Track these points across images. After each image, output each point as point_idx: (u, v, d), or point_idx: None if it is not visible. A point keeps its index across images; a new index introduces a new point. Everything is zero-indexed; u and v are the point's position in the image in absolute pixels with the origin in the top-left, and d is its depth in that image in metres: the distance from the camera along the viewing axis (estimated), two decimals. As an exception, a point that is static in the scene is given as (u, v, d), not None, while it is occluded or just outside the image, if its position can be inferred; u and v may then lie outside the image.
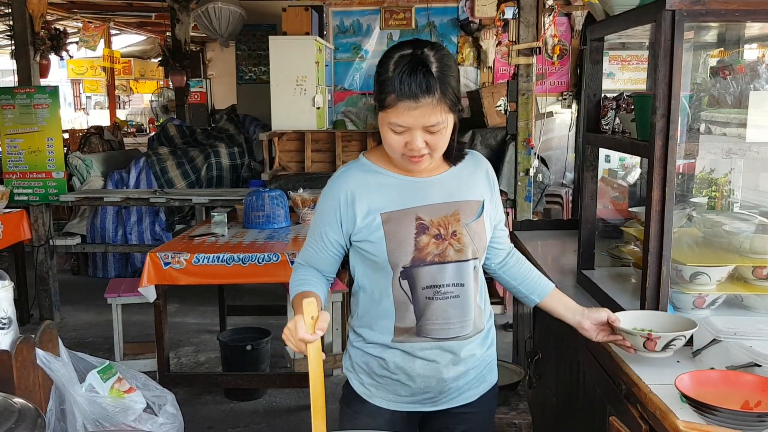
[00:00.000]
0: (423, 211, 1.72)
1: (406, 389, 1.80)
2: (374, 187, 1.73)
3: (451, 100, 1.60)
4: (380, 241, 1.70)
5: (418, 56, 1.58)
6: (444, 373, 1.77)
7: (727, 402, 1.59)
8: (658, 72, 2.03)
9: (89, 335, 5.17)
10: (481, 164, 1.85)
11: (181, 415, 2.12)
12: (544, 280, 2.00)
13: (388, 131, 1.62)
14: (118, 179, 6.61)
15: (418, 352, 1.75)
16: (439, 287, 1.71)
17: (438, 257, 1.70)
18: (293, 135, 6.48)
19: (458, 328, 1.75)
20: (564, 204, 7.15)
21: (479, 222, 1.76)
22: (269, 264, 3.66)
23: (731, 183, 3.03)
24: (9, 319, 1.81)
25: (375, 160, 1.78)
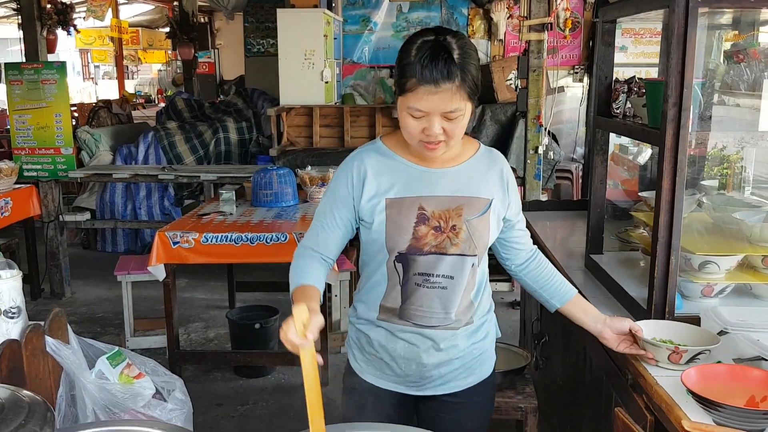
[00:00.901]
0: (427, 201, 1.73)
1: (389, 369, 1.84)
2: (385, 171, 1.75)
3: (470, 87, 1.61)
4: (381, 225, 1.73)
5: (440, 42, 1.60)
6: (423, 358, 1.79)
7: (732, 397, 1.59)
8: (670, 59, 1.99)
9: (99, 310, 5.22)
10: (496, 163, 1.83)
11: (189, 401, 2.14)
12: (567, 285, 1.98)
13: (406, 116, 1.63)
14: (126, 154, 6.61)
15: (399, 333, 1.79)
16: (429, 276, 1.74)
17: (435, 248, 1.72)
18: (301, 110, 6.45)
19: (439, 318, 1.77)
20: (574, 180, 7.10)
21: (482, 220, 1.74)
22: (277, 244, 3.66)
23: (743, 159, 2.98)
24: (18, 308, 1.83)
25: (390, 146, 1.80)
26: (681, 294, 2.25)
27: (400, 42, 8.55)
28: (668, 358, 1.85)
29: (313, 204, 4.45)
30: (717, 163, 3.06)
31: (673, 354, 1.84)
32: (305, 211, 4.24)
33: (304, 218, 4.04)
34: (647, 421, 1.87)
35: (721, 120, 2.19)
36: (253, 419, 3.61)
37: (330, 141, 6.50)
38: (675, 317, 2.12)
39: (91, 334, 4.68)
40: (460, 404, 1.85)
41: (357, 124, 6.46)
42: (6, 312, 1.79)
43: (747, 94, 2.12)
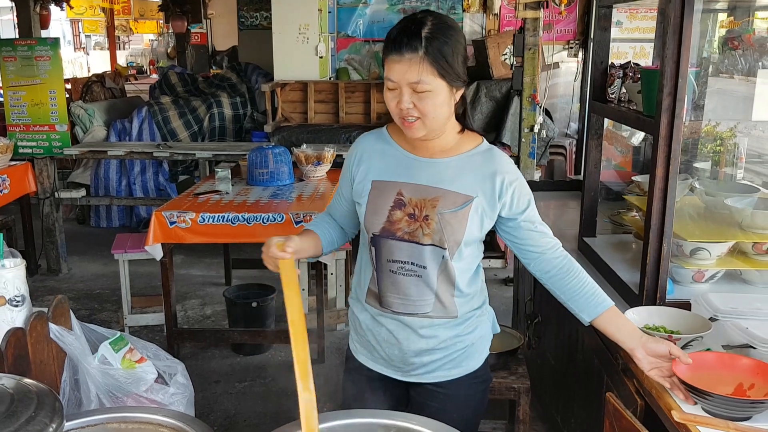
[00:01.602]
0: (406, 188, 1.77)
1: (375, 352, 1.90)
2: (378, 155, 1.84)
3: (439, 64, 1.63)
4: (363, 205, 1.82)
5: (415, 18, 1.68)
6: (404, 345, 1.84)
7: (721, 385, 1.64)
8: (666, 49, 2.01)
9: (96, 287, 5.25)
10: (492, 163, 1.77)
11: (191, 385, 2.18)
12: (600, 297, 1.81)
13: (386, 90, 1.71)
14: (120, 129, 6.58)
15: (380, 319, 1.86)
16: (404, 263, 1.78)
17: (408, 235, 1.76)
18: (296, 85, 6.42)
19: (416, 306, 1.80)
20: (567, 156, 7.10)
21: (457, 215, 1.74)
22: (274, 224, 3.69)
23: (736, 137, 3.01)
24: (22, 296, 1.85)
25: (392, 133, 1.87)
26: (672, 279, 2.30)
27: (395, 15, 8.47)
28: None
29: (309, 183, 4.47)
30: (710, 140, 3.09)
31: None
32: (301, 190, 4.26)
33: (299, 198, 4.06)
34: (637, 405, 1.93)
35: (714, 108, 2.22)
36: (251, 396, 3.67)
37: (325, 117, 6.48)
38: (666, 303, 2.17)
39: (88, 311, 4.74)
40: (446, 395, 1.87)
41: (352, 100, 6.44)
42: (11, 300, 1.82)
43: (741, 81, 2.14)
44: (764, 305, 2.00)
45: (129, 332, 4.36)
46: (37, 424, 1.31)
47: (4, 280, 1.81)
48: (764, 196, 2.51)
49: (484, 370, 1.96)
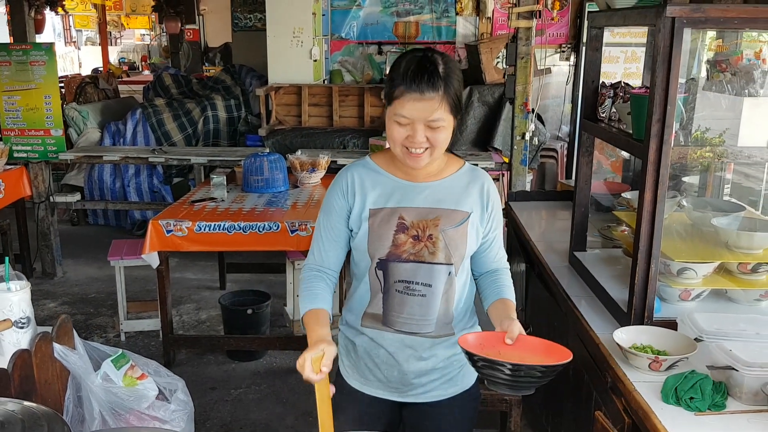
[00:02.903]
0: (407, 212, 1.84)
1: (372, 374, 1.96)
2: (370, 184, 1.88)
3: (453, 100, 1.73)
4: (364, 233, 1.85)
5: (427, 57, 1.73)
6: (404, 366, 1.90)
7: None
8: (655, 76, 2.07)
9: (92, 291, 5.28)
10: (478, 180, 1.91)
11: (191, 402, 2.24)
12: (501, 293, 1.91)
13: (393, 124, 1.75)
14: (114, 131, 6.60)
15: (381, 340, 1.91)
16: (409, 283, 1.84)
17: (413, 256, 1.83)
18: (290, 89, 6.45)
19: (419, 326, 1.87)
20: (558, 159, 7.17)
21: (458, 231, 1.83)
22: (270, 233, 3.74)
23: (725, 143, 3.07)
24: (28, 318, 1.90)
25: (378, 162, 1.92)
26: (660, 297, 2.37)
27: (389, 18, 8.48)
28: (649, 366, 1.96)
29: (304, 189, 4.52)
30: (699, 145, 3.15)
31: (653, 363, 1.95)
32: (296, 197, 4.31)
33: (295, 206, 4.10)
34: (625, 424, 1.99)
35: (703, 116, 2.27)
36: (247, 403, 3.72)
37: (319, 120, 6.52)
38: (654, 321, 2.24)
39: (84, 316, 4.78)
40: (443, 413, 1.94)
41: (346, 103, 6.48)
42: (17, 323, 1.86)
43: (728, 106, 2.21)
44: (748, 326, 2.08)
45: (125, 338, 4.41)
46: (49, 452, 1.36)
47: (10, 303, 1.85)
48: (749, 215, 2.58)
49: (476, 387, 2.04)
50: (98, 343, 2.15)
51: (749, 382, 1.78)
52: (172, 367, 3.93)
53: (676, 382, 1.84)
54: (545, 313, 3.03)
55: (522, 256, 3.50)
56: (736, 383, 1.81)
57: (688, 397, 1.79)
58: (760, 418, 1.74)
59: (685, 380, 1.83)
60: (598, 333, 2.28)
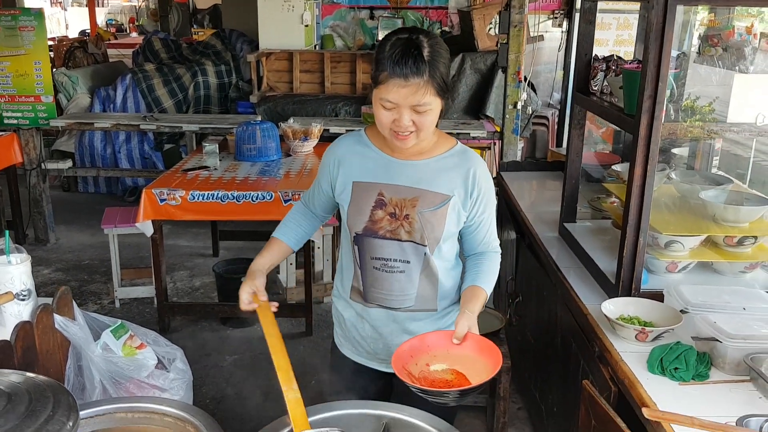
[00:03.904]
0: (387, 188, 1.86)
1: (360, 346, 2.03)
2: (358, 158, 1.91)
3: (438, 84, 1.72)
4: (345, 205, 1.90)
5: (412, 40, 1.71)
6: (389, 339, 1.96)
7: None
8: (648, 53, 2.09)
9: (85, 257, 5.31)
10: (467, 163, 1.89)
11: (190, 370, 2.29)
12: (477, 279, 1.92)
13: (379, 107, 1.76)
14: (104, 96, 6.56)
15: (366, 315, 1.97)
16: (386, 260, 1.89)
17: (390, 233, 1.86)
18: (282, 55, 6.41)
19: (399, 301, 1.92)
20: (550, 126, 7.18)
21: (436, 213, 1.84)
22: (263, 202, 3.76)
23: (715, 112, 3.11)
24: (29, 290, 1.93)
25: (370, 136, 1.94)
26: (647, 269, 2.42)
27: (381, -19, 8.27)
28: (635, 337, 2.02)
29: (296, 158, 4.53)
30: (689, 115, 3.19)
31: (640, 334, 2.01)
32: (289, 166, 4.32)
33: (287, 175, 4.12)
34: (611, 392, 2.06)
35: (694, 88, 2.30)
36: (241, 369, 3.79)
37: (310, 87, 6.50)
38: (641, 293, 2.29)
39: (78, 282, 4.81)
40: None
41: (338, 70, 6.46)
42: (18, 295, 1.89)
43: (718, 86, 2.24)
44: (732, 298, 2.13)
45: (119, 305, 4.45)
46: (56, 423, 1.40)
47: (11, 276, 1.88)
48: (737, 189, 2.63)
49: None
50: (93, 309, 2.18)
51: (732, 353, 1.84)
52: (167, 334, 3.98)
53: (662, 352, 1.90)
54: (535, 283, 3.09)
55: (513, 226, 3.55)
56: (720, 354, 1.87)
57: (673, 367, 1.85)
58: (741, 388, 1.80)
59: (670, 351, 1.89)
60: (586, 304, 2.34)
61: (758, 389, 1.77)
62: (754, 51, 2.15)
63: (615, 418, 1.77)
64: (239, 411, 3.40)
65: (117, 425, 1.77)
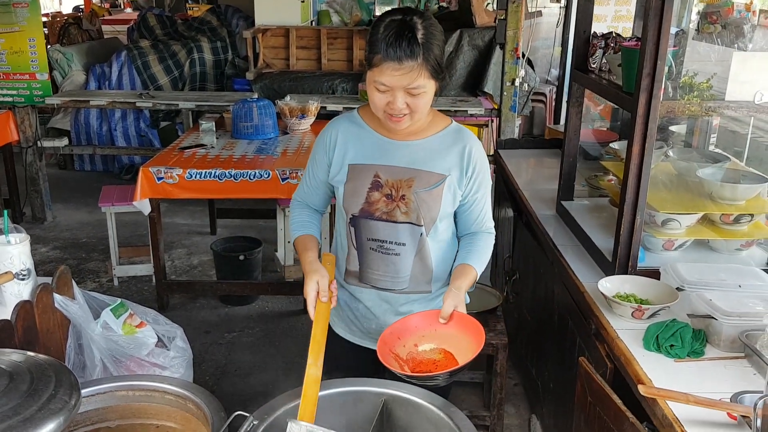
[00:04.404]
0: (383, 170, 1.86)
1: (354, 325, 2.04)
2: (353, 139, 1.90)
3: (433, 66, 1.71)
4: (341, 187, 1.88)
5: (406, 22, 1.68)
6: (382, 319, 1.97)
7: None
8: (647, 31, 2.08)
9: (83, 235, 5.31)
10: (461, 141, 1.88)
11: (190, 348, 2.30)
12: (468, 257, 1.93)
13: (373, 89, 1.74)
14: (100, 73, 6.51)
15: (359, 295, 1.98)
16: (383, 242, 1.89)
17: (386, 215, 1.86)
18: (278, 31, 6.36)
19: (393, 282, 1.93)
20: (547, 103, 7.15)
21: (431, 193, 1.84)
22: (260, 180, 3.76)
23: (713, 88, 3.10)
24: (28, 270, 1.93)
25: (364, 116, 1.93)
26: (644, 247, 2.43)
27: (378, -45, 8.14)
28: (631, 314, 2.04)
29: (293, 136, 4.52)
30: (687, 91, 3.19)
31: (636, 311, 2.03)
32: (286, 144, 4.31)
33: (285, 153, 4.11)
34: (607, 368, 2.08)
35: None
36: (240, 346, 3.82)
37: (307, 63, 6.46)
38: (637, 271, 2.31)
39: (76, 260, 4.82)
40: None
41: (334, 46, 6.41)
42: (17, 275, 1.90)
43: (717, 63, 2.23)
44: (728, 275, 2.14)
45: (118, 283, 4.47)
46: (58, 402, 1.41)
47: (11, 255, 1.89)
48: (734, 167, 2.63)
49: None
50: (92, 287, 2.19)
51: (727, 330, 1.86)
52: (165, 312, 4.00)
53: (658, 330, 1.92)
54: (532, 261, 3.11)
55: (510, 203, 3.56)
56: (715, 331, 1.89)
57: (669, 344, 1.87)
58: (736, 364, 1.82)
59: (666, 328, 1.91)
60: (583, 281, 2.36)
61: (752, 366, 1.79)
62: (753, 28, 2.14)
63: (611, 394, 1.80)
64: (239, 387, 3.43)
65: (118, 403, 1.79)
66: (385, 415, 1.69)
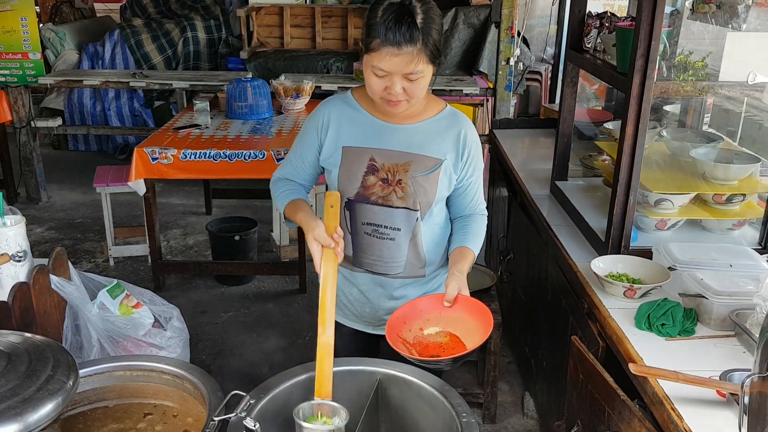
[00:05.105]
0: (378, 153, 1.84)
1: (347, 309, 2.04)
2: (347, 122, 1.87)
3: (431, 51, 1.69)
4: (335, 171, 1.85)
5: (405, 6, 1.66)
6: (376, 303, 1.98)
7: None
8: (641, 10, 2.08)
9: (78, 216, 5.31)
10: (457, 125, 1.88)
11: (186, 328, 2.32)
12: (465, 240, 1.93)
13: (370, 74, 1.72)
14: (93, 52, 6.47)
15: (353, 279, 1.98)
16: (378, 227, 1.88)
17: (382, 199, 1.85)
18: (272, 9, 6.32)
19: (387, 267, 1.93)
20: (543, 81, 7.13)
21: (428, 178, 1.84)
22: (255, 161, 3.76)
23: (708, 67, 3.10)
24: (24, 252, 1.94)
25: (358, 98, 1.90)
26: (636, 227, 2.45)
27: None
28: (624, 294, 2.06)
29: (288, 116, 4.51)
30: (682, 70, 3.19)
31: (628, 291, 2.05)
32: (281, 124, 4.30)
33: (279, 133, 4.11)
34: (599, 347, 2.11)
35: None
36: (236, 325, 3.84)
37: (301, 42, 6.42)
38: (630, 250, 2.33)
39: (72, 241, 4.83)
40: None
41: (329, 25, 6.37)
42: (14, 256, 1.90)
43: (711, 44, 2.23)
44: (720, 255, 2.16)
45: (113, 263, 4.48)
46: (57, 383, 1.43)
47: (6, 237, 1.89)
48: (727, 146, 2.64)
49: None
50: (87, 268, 2.20)
51: (718, 309, 1.88)
52: (161, 292, 4.02)
53: (649, 309, 1.94)
54: (526, 241, 3.13)
55: (505, 183, 3.57)
56: (706, 310, 1.91)
57: (660, 323, 1.89)
58: (725, 342, 1.85)
59: (657, 307, 1.93)
60: (576, 261, 2.37)
61: (742, 344, 1.82)
62: (747, 8, 2.14)
63: (602, 372, 1.82)
64: (235, 367, 3.45)
65: (116, 383, 1.81)
66: (380, 394, 1.71)
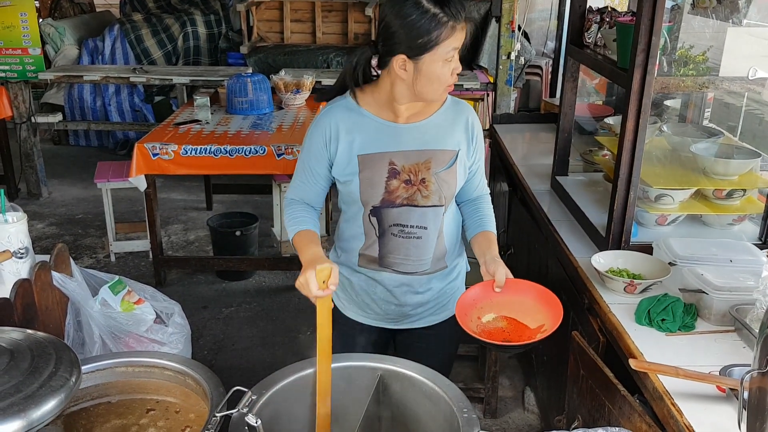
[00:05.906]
0: (397, 156, 1.81)
1: (369, 309, 2.02)
2: (356, 129, 1.81)
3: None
4: (355, 181, 1.81)
5: None
6: (401, 299, 1.97)
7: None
8: (642, 5, 2.08)
9: (78, 211, 5.31)
10: (463, 113, 1.90)
11: (188, 324, 2.33)
12: (484, 224, 1.95)
13: (440, 64, 1.69)
14: (92, 48, 6.46)
15: (379, 279, 1.95)
16: (404, 227, 1.86)
17: (407, 200, 1.84)
18: (272, 3, 6.31)
19: (415, 265, 1.92)
20: (543, 76, 7.12)
21: (450, 171, 1.85)
22: (256, 156, 3.76)
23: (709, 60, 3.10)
24: (26, 248, 1.95)
25: (361, 103, 1.85)
26: (637, 222, 2.45)
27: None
28: (624, 289, 2.06)
29: (288, 111, 4.51)
30: (683, 64, 3.19)
31: (628, 286, 2.05)
32: (281, 119, 4.30)
33: (280, 129, 4.11)
34: (599, 342, 2.12)
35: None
36: (238, 321, 3.85)
37: (301, 37, 6.42)
38: (630, 246, 2.33)
39: (73, 236, 4.83)
40: (433, 335, 2.04)
41: (329, 19, 6.37)
42: (15, 253, 1.91)
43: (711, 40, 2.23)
44: (720, 250, 2.16)
45: (115, 258, 4.48)
46: (59, 379, 1.43)
47: (8, 234, 1.90)
48: (727, 142, 2.64)
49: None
50: (89, 263, 2.21)
51: (718, 304, 1.88)
52: (162, 287, 4.03)
53: (650, 304, 1.94)
54: (526, 236, 3.13)
55: (505, 178, 3.57)
56: (706, 305, 1.91)
57: (660, 318, 1.90)
58: (725, 338, 1.85)
59: (657, 303, 1.93)
60: (576, 256, 2.37)
61: (742, 339, 1.82)
62: (748, 3, 2.14)
63: (603, 367, 1.83)
64: (237, 362, 3.47)
65: (118, 379, 1.82)
66: (381, 390, 1.72)
